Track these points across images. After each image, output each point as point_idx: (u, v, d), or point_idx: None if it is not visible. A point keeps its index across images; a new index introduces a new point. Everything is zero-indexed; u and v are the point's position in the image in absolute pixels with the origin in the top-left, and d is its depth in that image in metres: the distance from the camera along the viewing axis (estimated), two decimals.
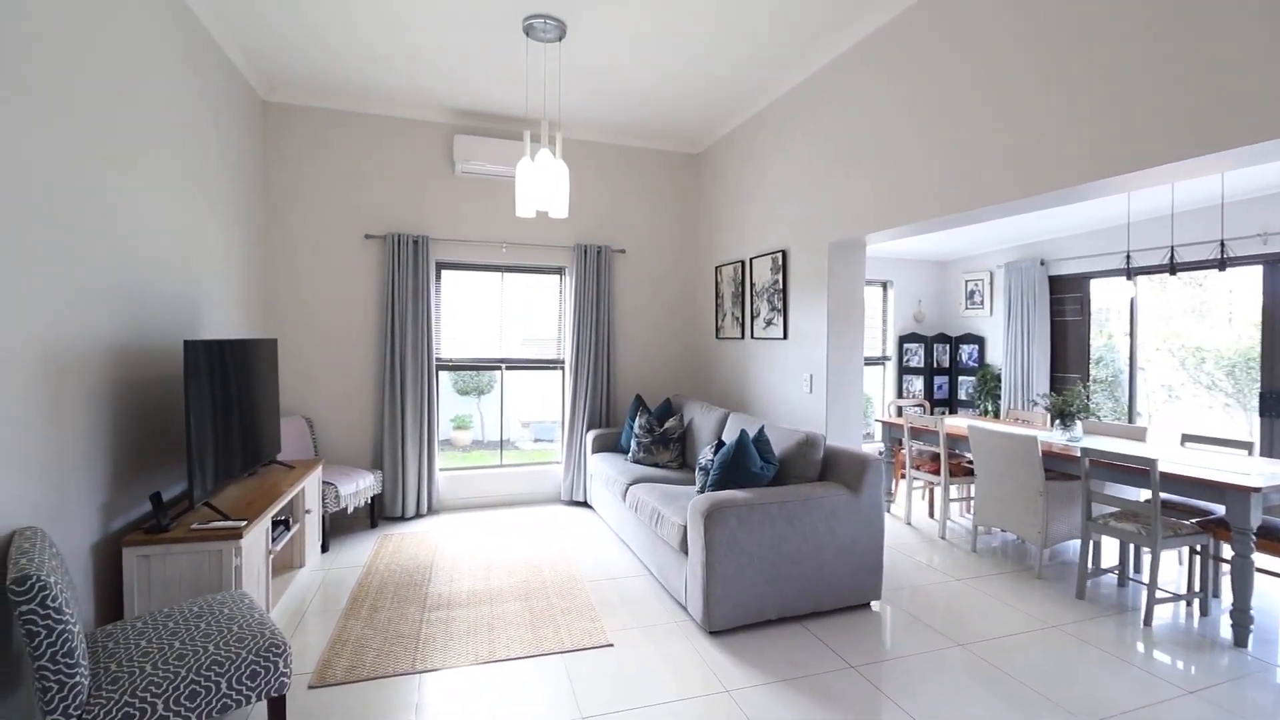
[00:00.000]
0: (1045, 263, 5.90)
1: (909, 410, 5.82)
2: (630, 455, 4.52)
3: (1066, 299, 5.84)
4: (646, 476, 4.05)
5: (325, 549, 3.91)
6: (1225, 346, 5.31)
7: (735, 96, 4.33)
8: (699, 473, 3.35)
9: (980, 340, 6.61)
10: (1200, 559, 3.19)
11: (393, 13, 3.25)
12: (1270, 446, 4.42)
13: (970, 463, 4.44)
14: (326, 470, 4.15)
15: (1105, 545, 4.03)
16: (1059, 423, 3.98)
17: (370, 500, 4.35)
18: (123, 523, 2.49)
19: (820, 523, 2.95)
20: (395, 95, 4.38)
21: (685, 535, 2.99)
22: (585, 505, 5.02)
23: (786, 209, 4.17)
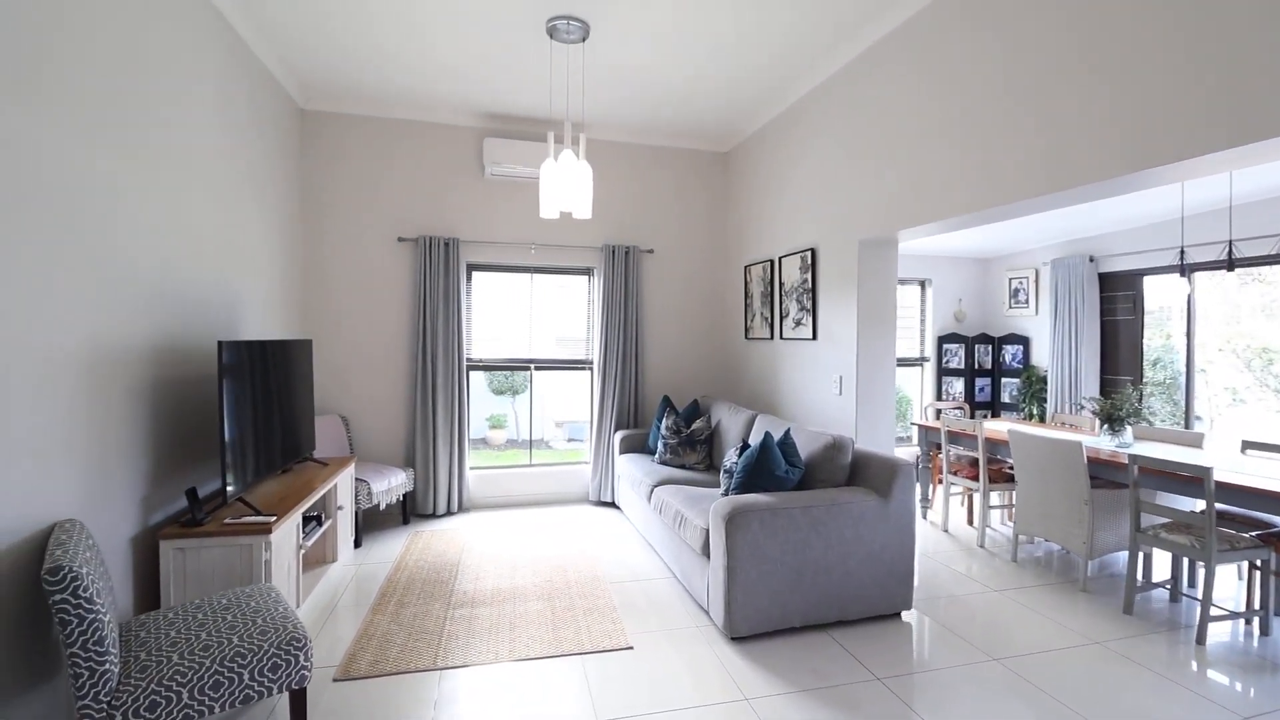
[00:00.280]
0: (1094, 259, 5.62)
1: (947, 413, 5.62)
2: (657, 456, 4.49)
3: (1118, 297, 5.55)
4: (672, 478, 4.01)
5: (358, 544, 4.01)
6: None
7: (761, 93, 4.26)
8: (723, 475, 3.30)
9: (1025, 340, 6.34)
10: (1260, 575, 2.98)
11: (417, 22, 3.31)
12: None
13: (1011, 468, 4.26)
14: (360, 467, 4.26)
15: (1157, 558, 3.81)
16: (1106, 427, 3.78)
17: (402, 498, 4.45)
18: (161, 516, 2.60)
19: (847, 529, 2.87)
20: (425, 101, 4.46)
21: (707, 538, 2.95)
22: (613, 506, 5.02)
23: (815, 206, 4.08)
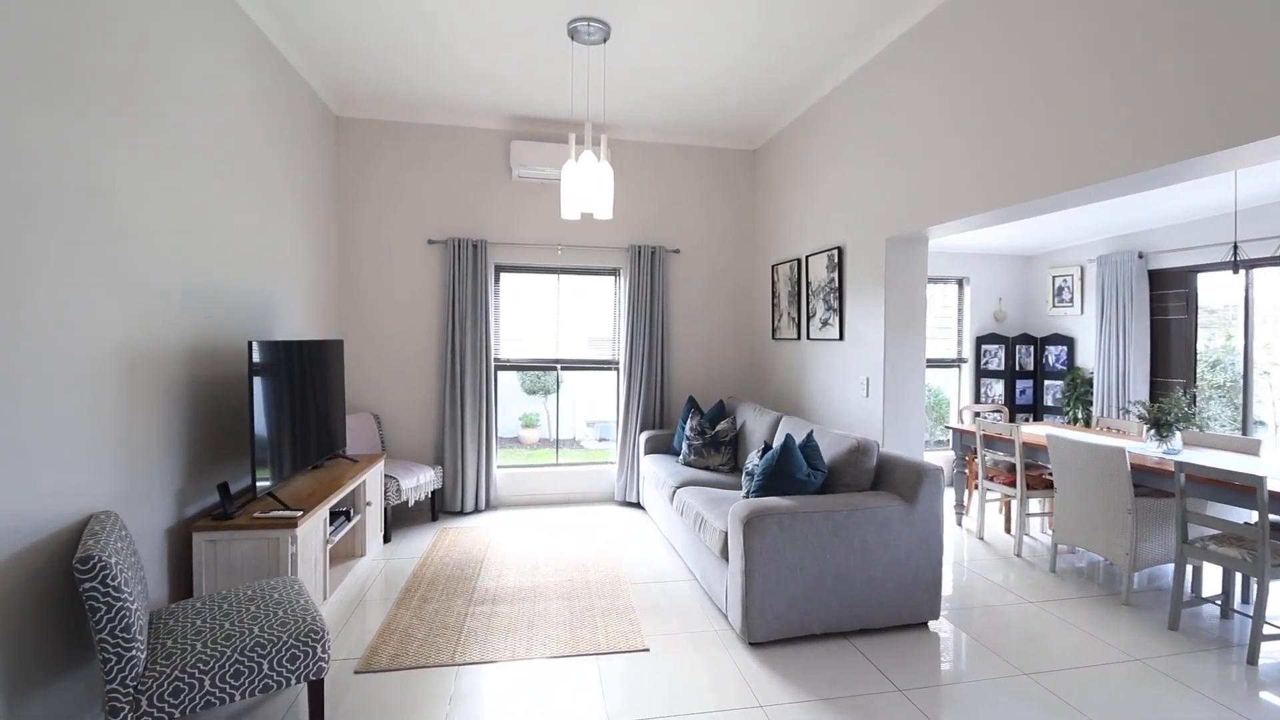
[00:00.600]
0: (1144, 255, 5.34)
1: (984, 416, 5.43)
2: (681, 457, 4.47)
3: (1169, 295, 5.26)
4: (695, 480, 3.98)
5: (387, 540, 4.10)
6: None
7: (786, 91, 4.19)
8: (745, 477, 3.26)
9: (1069, 341, 6.07)
10: None
11: (443, 30, 3.38)
12: None
13: (1051, 474, 4.09)
14: (389, 465, 4.35)
15: (1208, 572, 3.59)
16: (1154, 433, 3.59)
17: (431, 494, 4.53)
18: (195, 509, 2.71)
19: (870, 535, 2.80)
20: (452, 105, 4.54)
21: (726, 541, 2.91)
22: (638, 506, 5.01)
23: (841, 204, 3.99)
